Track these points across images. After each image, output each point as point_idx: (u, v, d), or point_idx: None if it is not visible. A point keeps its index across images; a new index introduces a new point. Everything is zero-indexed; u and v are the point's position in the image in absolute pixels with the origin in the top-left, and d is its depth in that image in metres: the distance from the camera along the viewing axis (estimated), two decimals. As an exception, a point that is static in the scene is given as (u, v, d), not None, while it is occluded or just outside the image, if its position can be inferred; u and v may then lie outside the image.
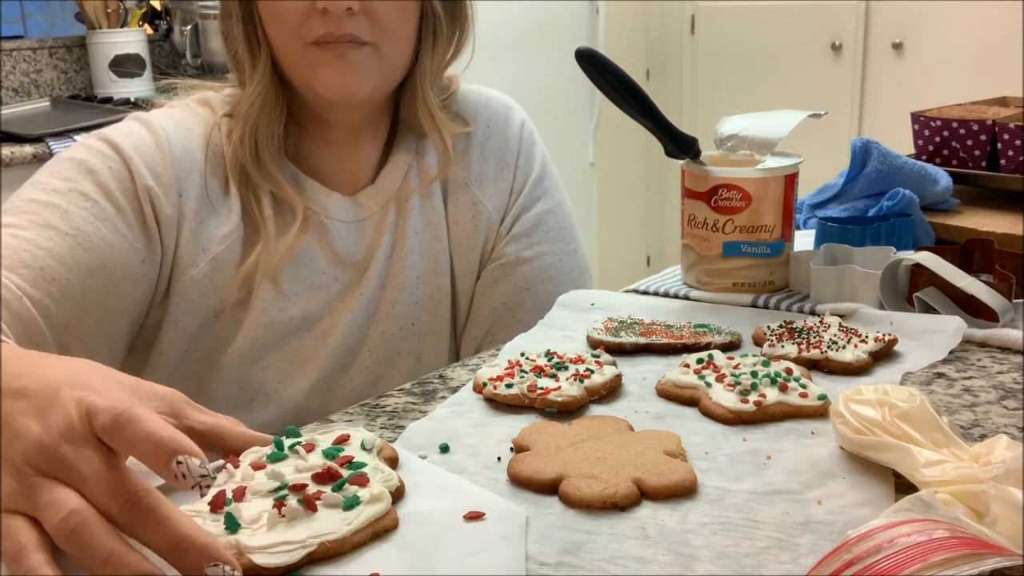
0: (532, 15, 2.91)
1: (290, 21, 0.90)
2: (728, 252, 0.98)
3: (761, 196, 0.95)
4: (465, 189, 1.05)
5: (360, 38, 0.91)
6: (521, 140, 1.08)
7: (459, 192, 1.05)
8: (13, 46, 2.56)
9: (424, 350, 1.03)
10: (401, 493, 0.57)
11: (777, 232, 0.97)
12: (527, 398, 0.73)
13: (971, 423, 0.69)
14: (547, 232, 1.07)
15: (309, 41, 0.90)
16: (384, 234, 1.01)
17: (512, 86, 3.09)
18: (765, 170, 0.96)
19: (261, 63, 0.94)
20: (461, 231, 1.04)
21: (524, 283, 1.05)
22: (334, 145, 1.01)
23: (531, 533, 0.55)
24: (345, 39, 0.90)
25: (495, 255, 1.05)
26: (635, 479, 0.59)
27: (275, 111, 0.95)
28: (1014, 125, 1.50)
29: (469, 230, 1.04)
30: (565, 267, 1.07)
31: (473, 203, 1.04)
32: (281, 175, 0.96)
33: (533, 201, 1.07)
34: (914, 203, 1.34)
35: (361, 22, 0.90)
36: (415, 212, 1.02)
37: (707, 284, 1.00)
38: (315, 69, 0.91)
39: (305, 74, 0.93)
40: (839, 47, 3.25)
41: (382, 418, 0.72)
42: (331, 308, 0.99)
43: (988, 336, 0.84)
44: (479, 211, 1.04)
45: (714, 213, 0.97)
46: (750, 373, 0.74)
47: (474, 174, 1.05)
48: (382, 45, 0.92)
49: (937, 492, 0.52)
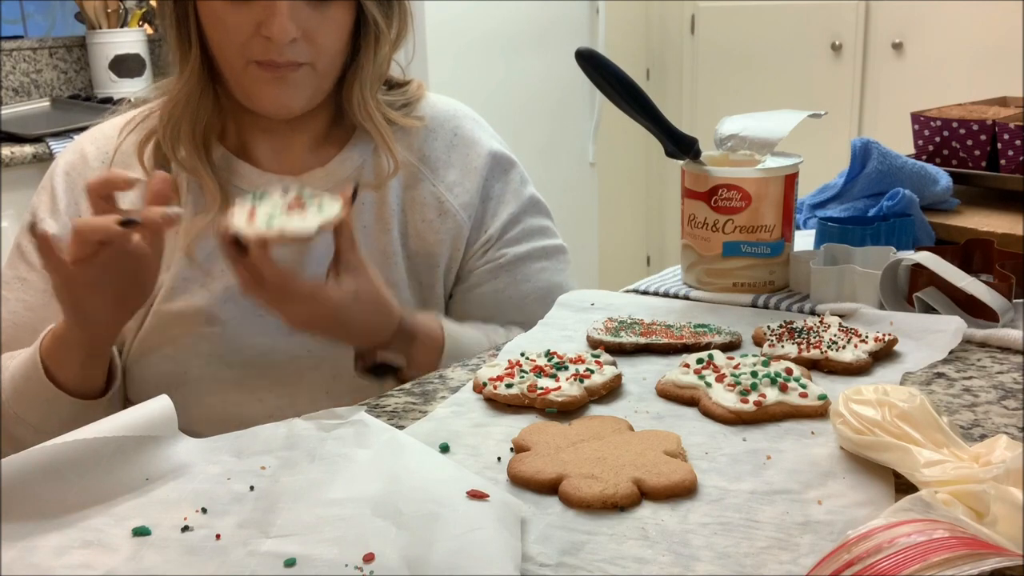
0: (532, 15, 2.91)
1: (233, 37, 0.93)
2: (728, 252, 0.98)
3: (761, 196, 0.96)
4: (426, 184, 1.04)
5: (299, 61, 0.94)
6: (492, 151, 1.08)
7: (418, 186, 1.04)
8: (13, 46, 2.56)
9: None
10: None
11: (777, 232, 0.97)
12: (527, 398, 0.73)
13: (971, 423, 0.69)
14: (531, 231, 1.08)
15: (251, 60, 0.93)
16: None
17: (512, 86, 3.10)
18: (765, 170, 0.96)
19: (190, 66, 0.97)
20: (424, 225, 1.03)
21: (524, 277, 1.06)
22: (269, 132, 1.02)
23: (531, 533, 0.55)
24: (286, 64, 0.93)
25: (489, 257, 1.06)
26: (635, 479, 0.59)
27: (200, 108, 0.98)
28: (1014, 125, 1.50)
29: (435, 226, 1.03)
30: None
31: (437, 199, 1.04)
32: (201, 163, 0.98)
33: (517, 208, 1.08)
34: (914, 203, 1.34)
35: (300, 47, 0.93)
36: (366, 205, 1.02)
37: (707, 284, 1.00)
38: (256, 86, 0.95)
39: (245, 87, 0.96)
40: (839, 47, 3.25)
41: (382, 418, 0.72)
42: None
43: (988, 336, 0.84)
44: (445, 208, 1.04)
45: (714, 213, 0.97)
46: (750, 373, 0.74)
47: (439, 174, 1.05)
48: (318, 63, 0.95)
49: (937, 492, 0.52)
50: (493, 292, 1.06)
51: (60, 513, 0.57)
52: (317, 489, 0.59)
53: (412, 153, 1.05)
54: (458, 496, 0.55)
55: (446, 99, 1.11)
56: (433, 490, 0.56)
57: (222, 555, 0.53)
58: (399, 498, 0.56)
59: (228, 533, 0.55)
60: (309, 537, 0.54)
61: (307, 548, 0.53)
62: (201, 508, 0.58)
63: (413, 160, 1.05)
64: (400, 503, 0.55)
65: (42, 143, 2.09)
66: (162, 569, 0.52)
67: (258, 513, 0.57)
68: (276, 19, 0.90)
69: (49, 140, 2.09)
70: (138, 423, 0.62)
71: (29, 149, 2.07)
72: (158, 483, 0.61)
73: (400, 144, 1.04)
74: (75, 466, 0.58)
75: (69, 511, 0.57)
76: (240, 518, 0.57)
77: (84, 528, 0.56)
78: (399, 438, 0.63)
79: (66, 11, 2.66)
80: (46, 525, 0.56)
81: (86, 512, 0.58)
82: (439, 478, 0.58)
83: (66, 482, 0.58)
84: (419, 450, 0.62)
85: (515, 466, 0.62)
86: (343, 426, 0.65)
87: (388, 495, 0.57)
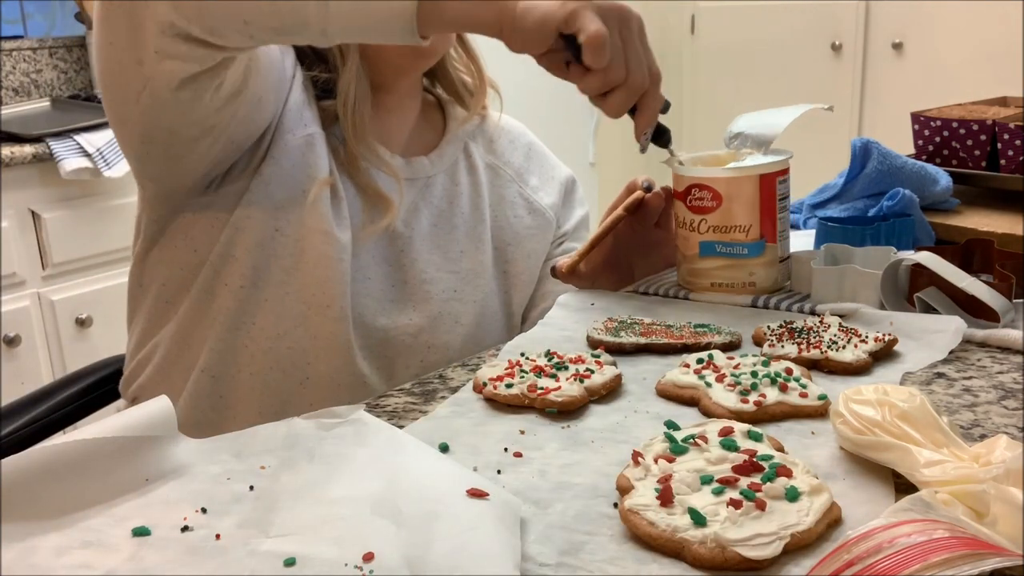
0: (532, 15, 2.91)
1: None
2: (704, 252, 0.97)
3: (732, 196, 0.94)
4: (513, 186, 1.17)
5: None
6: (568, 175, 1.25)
7: (506, 188, 1.17)
8: (13, 46, 2.56)
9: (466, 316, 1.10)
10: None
11: (755, 232, 0.96)
12: (527, 398, 0.73)
13: (971, 423, 0.69)
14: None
15: None
16: (429, 199, 1.09)
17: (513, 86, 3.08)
18: (736, 169, 0.95)
19: (350, 58, 1.00)
20: (516, 221, 1.15)
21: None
22: (388, 110, 1.08)
23: (531, 533, 0.55)
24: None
25: (565, 248, 1.19)
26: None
27: (364, 88, 1.02)
28: (1014, 125, 1.50)
29: (527, 222, 1.16)
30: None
31: (525, 199, 1.17)
32: (379, 161, 1.04)
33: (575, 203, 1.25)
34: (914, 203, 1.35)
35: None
36: (463, 195, 1.12)
37: (690, 283, 1.00)
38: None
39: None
40: (839, 47, 3.25)
41: (382, 418, 0.72)
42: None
43: (988, 336, 0.84)
44: (534, 208, 1.17)
45: (690, 213, 0.97)
46: (750, 373, 0.74)
47: (523, 177, 1.19)
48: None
49: (937, 492, 0.52)
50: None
51: (60, 513, 0.57)
52: (317, 488, 0.59)
53: (496, 157, 1.17)
54: (458, 495, 0.55)
55: (507, 116, 1.23)
56: (433, 489, 0.56)
57: (222, 555, 0.53)
58: (399, 497, 0.56)
59: (228, 533, 0.55)
60: (309, 536, 0.54)
61: (307, 547, 0.53)
62: (201, 508, 0.58)
63: (499, 163, 1.17)
64: (400, 502, 0.55)
65: (42, 143, 2.09)
66: (162, 569, 0.52)
67: (258, 513, 0.57)
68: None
69: (49, 140, 2.09)
70: (138, 423, 0.62)
71: (29, 149, 2.06)
72: (158, 483, 0.61)
73: (484, 150, 1.17)
74: (75, 466, 0.58)
75: (69, 511, 0.57)
76: (240, 518, 0.57)
77: (84, 528, 0.56)
78: (399, 437, 0.63)
79: (66, 11, 2.66)
80: (46, 525, 0.56)
81: (86, 512, 0.58)
82: (439, 477, 0.58)
83: (66, 482, 0.58)
84: (419, 449, 0.62)
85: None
86: (342, 425, 0.65)
87: (388, 494, 0.57)
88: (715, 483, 0.56)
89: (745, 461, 0.58)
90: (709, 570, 0.51)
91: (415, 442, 0.63)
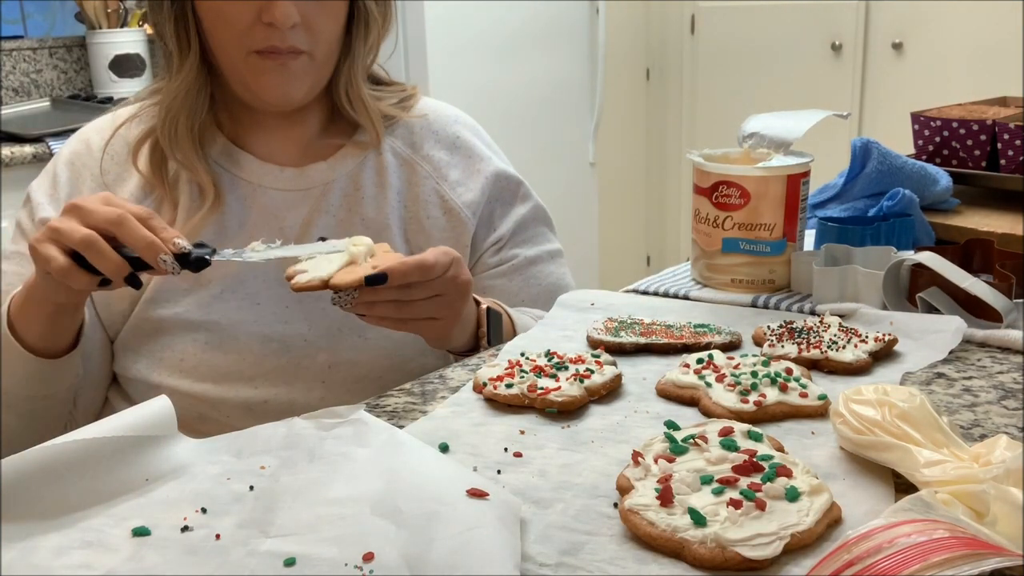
0: (532, 15, 2.90)
1: (234, 28, 0.94)
2: (727, 248, 0.98)
3: (760, 194, 0.96)
4: (429, 182, 1.06)
5: (299, 48, 0.95)
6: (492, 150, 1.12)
7: (421, 184, 1.06)
8: (13, 46, 2.56)
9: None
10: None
11: (778, 231, 0.97)
12: (527, 398, 0.73)
13: (971, 423, 0.69)
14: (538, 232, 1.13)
15: (252, 50, 0.94)
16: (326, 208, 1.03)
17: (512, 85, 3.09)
18: (765, 168, 0.96)
19: (189, 61, 0.98)
20: (429, 222, 1.05)
21: (535, 279, 1.09)
22: (266, 128, 1.04)
23: (531, 533, 0.55)
24: (287, 51, 0.94)
25: (503, 257, 1.08)
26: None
27: (197, 103, 1.00)
28: (1014, 125, 1.50)
29: (440, 223, 1.05)
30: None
31: (440, 196, 1.06)
32: (199, 160, 1.00)
33: (523, 207, 1.11)
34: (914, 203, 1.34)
35: (300, 33, 0.94)
36: (367, 198, 1.04)
37: (708, 279, 1.01)
38: (257, 76, 0.96)
39: (246, 79, 0.97)
40: (839, 47, 3.24)
41: (382, 418, 0.72)
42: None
43: (988, 336, 0.84)
44: (449, 207, 1.06)
45: (715, 209, 0.97)
46: (750, 373, 0.74)
47: (442, 172, 1.07)
48: (316, 52, 0.97)
49: (937, 492, 0.52)
50: (506, 292, 1.07)
51: (60, 513, 0.57)
52: (317, 488, 0.59)
53: (414, 151, 1.07)
54: (458, 494, 0.55)
55: (444, 104, 1.14)
56: (433, 488, 0.56)
57: (222, 555, 0.53)
58: (399, 497, 0.56)
59: (228, 533, 0.55)
60: (309, 536, 0.54)
61: (307, 547, 0.53)
62: (201, 508, 0.58)
63: (416, 159, 1.07)
64: (400, 502, 0.55)
65: (42, 143, 2.09)
66: (162, 569, 0.52)
67: (258, 513, 0.57)
68: (278, 3, 0.91)
69: (49, 140, 2.09)
70: (138, 423, 0.62)
71: (29, 149, 2.06)
72: (158, 483, 0.61)
73: (402, 142, 1.07)
74: (75, 466, 0.58)
75: (69, 511, 0.57)
76: (240, 518, 0.57)
77: (84, 528, 0.56)
78: (398, 437, 0.63)
79: (66, 11, 2.66)
80: (46, 525, 0.56)
81: (86, 512, 0.58)
82: (439, 476, 0.58)
83: (66, 482, 0.58)
84: (418, 449, 0.62)
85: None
86: (342, 425, 0.65)
87: (387, 494, 0.57)
88: (715, 483, 0.56)
89: (745, 461, 0.58)
90: (709, 570, 0.51)
91: (415, 442, 0.63)
